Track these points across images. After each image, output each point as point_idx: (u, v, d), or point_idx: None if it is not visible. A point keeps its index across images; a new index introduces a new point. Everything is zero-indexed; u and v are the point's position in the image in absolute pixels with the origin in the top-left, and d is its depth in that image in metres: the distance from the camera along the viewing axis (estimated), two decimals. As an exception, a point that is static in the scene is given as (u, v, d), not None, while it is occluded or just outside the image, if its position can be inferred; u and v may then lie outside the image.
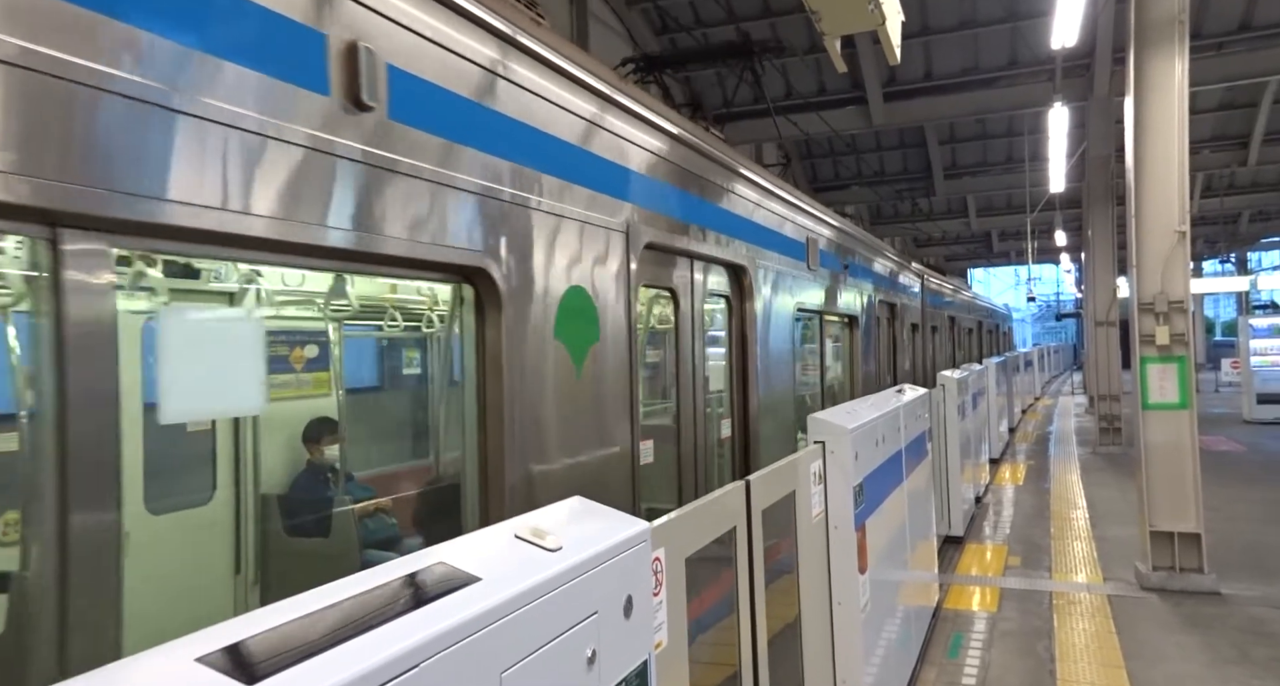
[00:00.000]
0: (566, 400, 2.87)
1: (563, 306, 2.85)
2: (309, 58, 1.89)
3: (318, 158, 1.89)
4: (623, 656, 1.68)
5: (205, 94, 1.62)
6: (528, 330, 2.66)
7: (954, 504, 7.90)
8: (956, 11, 15.94)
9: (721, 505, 2.54)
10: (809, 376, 6.46)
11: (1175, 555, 6.44)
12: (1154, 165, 6.65)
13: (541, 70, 2.82)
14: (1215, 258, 35.90)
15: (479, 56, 2.50)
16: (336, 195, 1.94)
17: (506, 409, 2.55)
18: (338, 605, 1.13)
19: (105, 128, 1.44)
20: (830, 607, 3.59)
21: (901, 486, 4.86)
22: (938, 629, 5.67)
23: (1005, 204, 28.67)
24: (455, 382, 2.76)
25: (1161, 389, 6.59)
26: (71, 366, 1.38)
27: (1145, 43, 6.69)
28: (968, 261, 42.58)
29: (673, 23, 15.95)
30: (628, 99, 3.38)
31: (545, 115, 2.81)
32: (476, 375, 2.55)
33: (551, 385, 2.78)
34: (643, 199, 3.43)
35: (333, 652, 0.99)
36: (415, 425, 4.84)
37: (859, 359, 7.44)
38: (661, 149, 3.66)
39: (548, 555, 1.53)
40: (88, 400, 1.40)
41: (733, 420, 4.66)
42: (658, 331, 4.29)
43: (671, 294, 3.94)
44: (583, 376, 2.95)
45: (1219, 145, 21.08)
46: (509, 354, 2.57)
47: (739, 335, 4.67)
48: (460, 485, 2.64)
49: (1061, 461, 13.19)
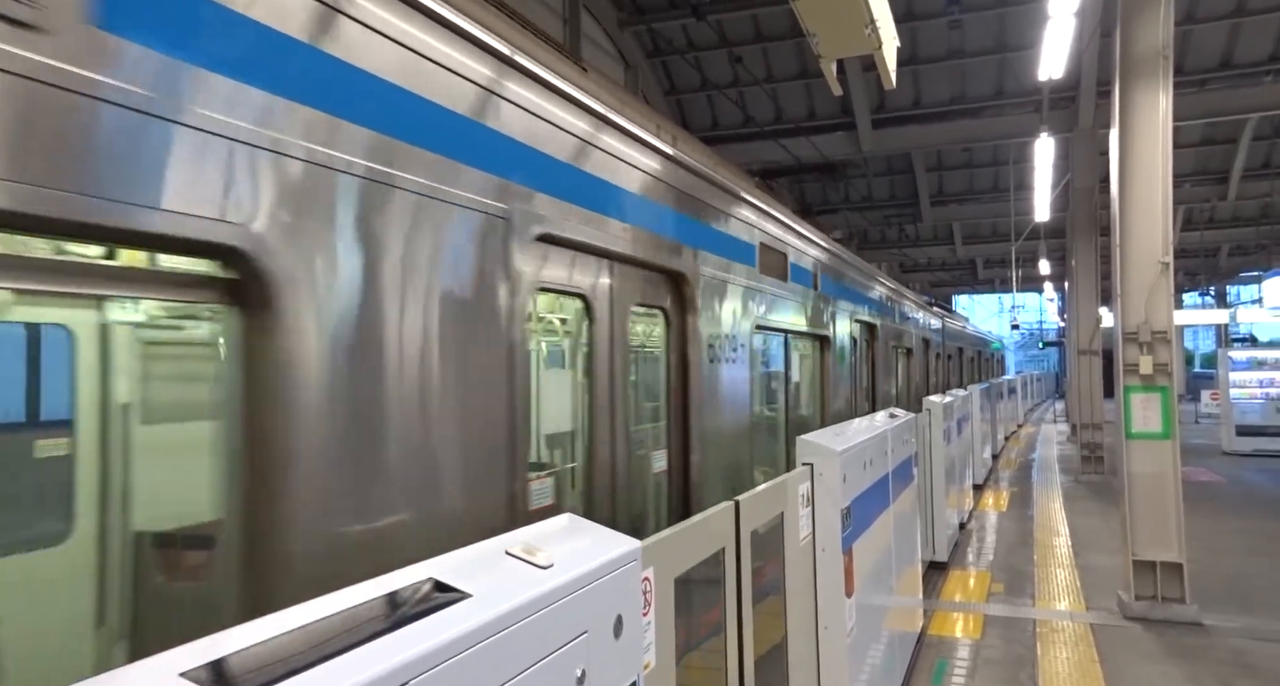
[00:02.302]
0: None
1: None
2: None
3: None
4: (611, 677, 1.65)
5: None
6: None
7: (938, 529, 7.89)
8: (945, 42, 16.22)
9: (711, 525, 2.52)
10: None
11: (1158, 584, 6.46)
12: (1138, 196, 6.75)
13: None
14: (1195, 290, 36.41)
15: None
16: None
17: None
18: (325, 619, 1.10)
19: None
20: (816, 631, 3.56)
21: (888, 510, 4.84)
22: (922, 655, 5.64)
23: (990, 232, 29.00)
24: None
25: (1145, 418, 6.64)
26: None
27: (1131, 76, 6.81)
28: (952, 288, 42.97)
29: (665, 45, 16.12)
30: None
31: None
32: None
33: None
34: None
35: (321, 668, 0.96)
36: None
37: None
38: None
39: (539, 572, 1.51)
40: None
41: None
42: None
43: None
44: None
45: (1200, 179, 21.45)
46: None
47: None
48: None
49: (1044, 488, 13.24)
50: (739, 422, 4.41)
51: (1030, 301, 49.03)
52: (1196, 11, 14.73)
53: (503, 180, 2.45)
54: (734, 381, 4.32)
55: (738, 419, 4.38)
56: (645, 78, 16.76)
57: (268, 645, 0.99)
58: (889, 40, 4.16)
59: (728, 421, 4.24)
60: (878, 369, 8.62)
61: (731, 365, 4.31)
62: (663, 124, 4.05)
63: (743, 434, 4.47)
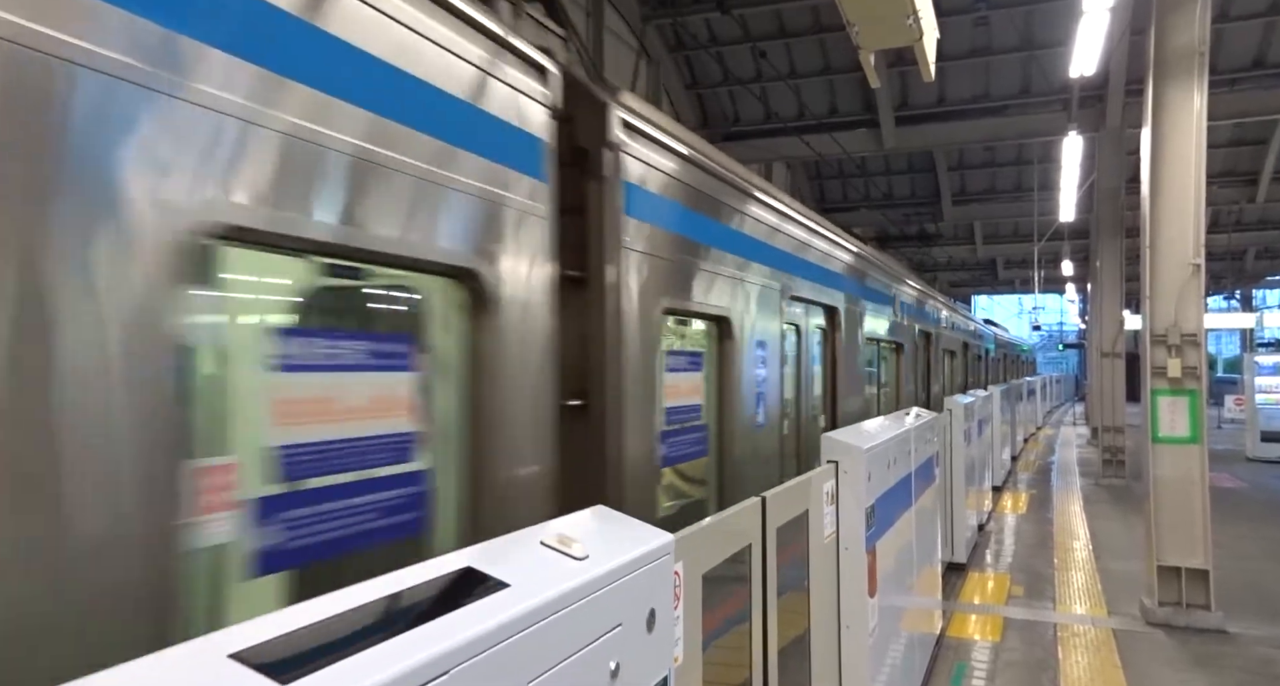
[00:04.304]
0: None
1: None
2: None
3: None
4: (644, 671, 1.63)
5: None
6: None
7: (958, 530, 7.83)
8: (970, 39, 16.03)
9: (738, 521, 2.49)
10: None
11: (1182, 591, 6.37)
12: (1170, 197, 6.64)
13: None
14: (1220, 294, 35.92)
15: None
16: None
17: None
18: (367, 606, 1.09)
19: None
20: (839, 630, 3.53)
21: (911, 509, 4.80)
22: (941, 656, 5.59)
23: (1012, 232, 28.73)
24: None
25: (1172, 422, 6.54)
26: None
27: (1164, 74, 6.70)
28: (972, 288, 42.63)
29: (689, 39, 16.05)
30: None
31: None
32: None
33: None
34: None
35: (365, 654, 0.94)
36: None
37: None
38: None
39: (575, 563, 1.49)
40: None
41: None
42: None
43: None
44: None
45: (1227, 181, 21.12)
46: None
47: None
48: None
49: (1064, 492, 13.11)
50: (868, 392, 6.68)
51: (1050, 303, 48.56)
52: (1231, 9, 14.48)
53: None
54: (863, 369, 6.39)
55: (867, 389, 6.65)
56: (667, 72, 16.70)
57: (311, 629, 0.97)
58: (929, 31, 4.11)
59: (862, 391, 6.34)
60: (933, 367, 10.88)
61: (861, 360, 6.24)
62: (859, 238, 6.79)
63: (871, 400, 6.87)
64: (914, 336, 8.83)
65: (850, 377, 5.89)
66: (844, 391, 5.77)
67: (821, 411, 5.59)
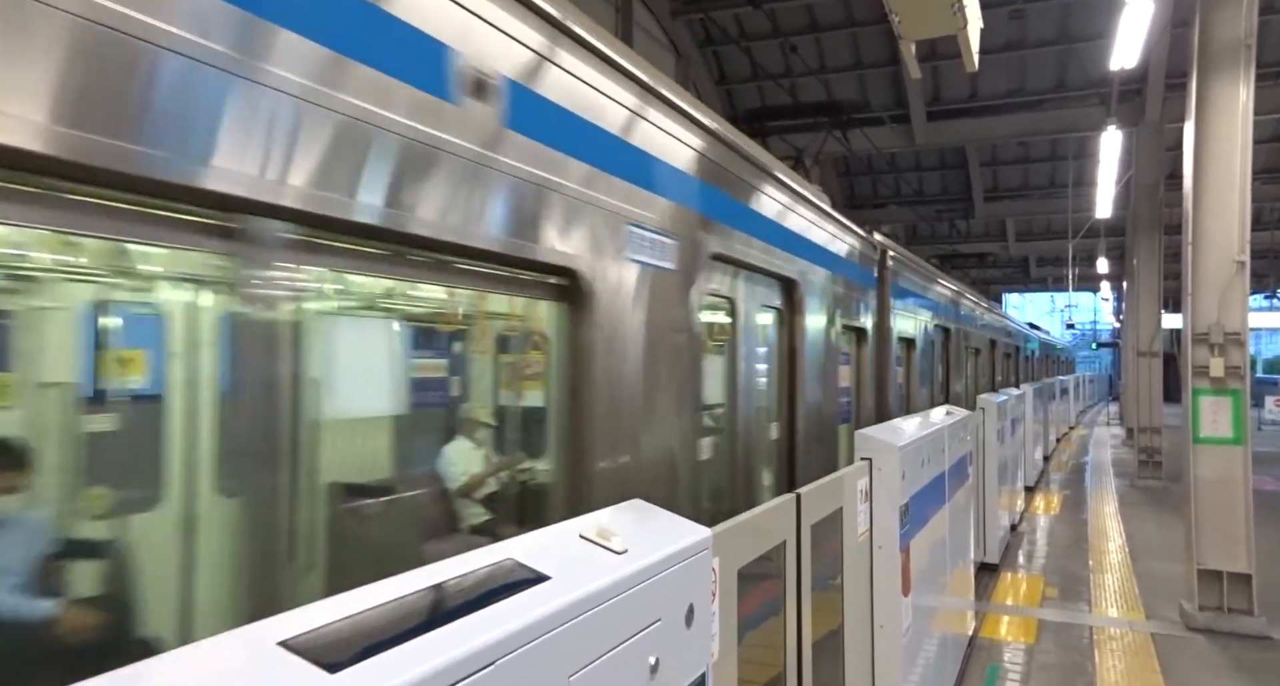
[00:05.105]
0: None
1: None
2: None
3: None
4: (683, 667, 1.61)
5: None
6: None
7: (990, 530, 7.71)
8: (1004, 33, 15.75)
9: (773, 518, 2.47)
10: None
11: (1223, 595, 6.22)
12: (1214, 192, 6.47)
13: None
14: (1261, 292, 35.05)
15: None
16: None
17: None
18: (412, 596, 1.08)
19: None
20: (872, 629, 3.49)
21: (944, 508, 4.73)
22: (973, 657, 5.52)
23: (1045, 228, 28.24)
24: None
25: (1214, 422, 6.38)
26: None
27: (1209, 66, 6.53)
28: (1003, 285, 42.00)
29: (719, 34, 15.95)
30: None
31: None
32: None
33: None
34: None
35: (411, 644, 0.94)
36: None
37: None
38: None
39: (614, 557, 1.47)
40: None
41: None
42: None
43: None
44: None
45: (1269, 177, 20.56)
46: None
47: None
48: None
49: (1098, 493, 12.87)
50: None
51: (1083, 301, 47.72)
52: (1277, 2, 14.08)
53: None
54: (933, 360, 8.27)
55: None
56: (696, 67, 16.61)
57: (358, 619, 0.97)
58: (974, 20, 4.03)
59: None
60: (996, 364, 13.53)
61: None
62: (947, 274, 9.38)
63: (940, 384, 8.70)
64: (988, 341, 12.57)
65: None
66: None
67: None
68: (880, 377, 5.88)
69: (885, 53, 16.12)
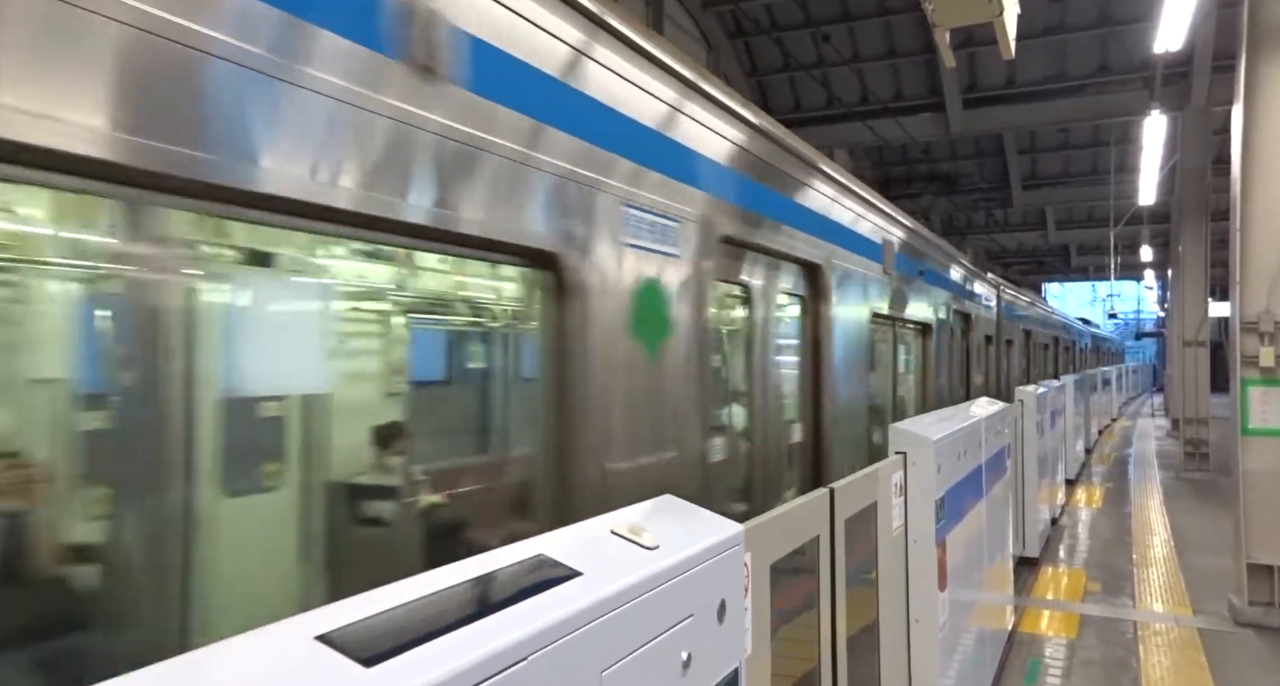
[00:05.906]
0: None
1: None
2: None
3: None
4: (715, 663, 1.62)
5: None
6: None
7: (1029, 524, 7.59)
8: (1043, 17, 15.40)
9: (806, 512, 2.46)
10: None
11: (1274, 590, 6.05)
12: (1265, 177, 6.28)
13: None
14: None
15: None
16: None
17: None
18: (445, 591, 1.10)
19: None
20: (907, 624, 3.46)
21: (981, 503, 4.67)
22: (1013, 652, 5.44)
23: (1086, 216, 27.63)
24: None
25: (1264, 413, 6.21)
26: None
27: (1259, 48, 6.33)
28: (1043, 275, 41.21)
29: (750, 25, 15.83)
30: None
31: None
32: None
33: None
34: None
35: (445, 639, 0.95)
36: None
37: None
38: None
39: (646, 553, 1.48)
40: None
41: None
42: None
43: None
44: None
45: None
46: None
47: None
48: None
49: (1142, 485, 12.60)
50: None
51: (1126, 290, 46.68)
52: (1328, -23, 13.59)
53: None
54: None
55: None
56: (726, 59, 16.51)
57: (392, 614, 0.99)
58: (1010, 5, 3.94)
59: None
60: (1059, 356, 17.07)
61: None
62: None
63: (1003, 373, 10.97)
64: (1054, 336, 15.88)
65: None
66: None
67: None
68: (998, 365, 10.51)
69: (919, 41, 15.86)
